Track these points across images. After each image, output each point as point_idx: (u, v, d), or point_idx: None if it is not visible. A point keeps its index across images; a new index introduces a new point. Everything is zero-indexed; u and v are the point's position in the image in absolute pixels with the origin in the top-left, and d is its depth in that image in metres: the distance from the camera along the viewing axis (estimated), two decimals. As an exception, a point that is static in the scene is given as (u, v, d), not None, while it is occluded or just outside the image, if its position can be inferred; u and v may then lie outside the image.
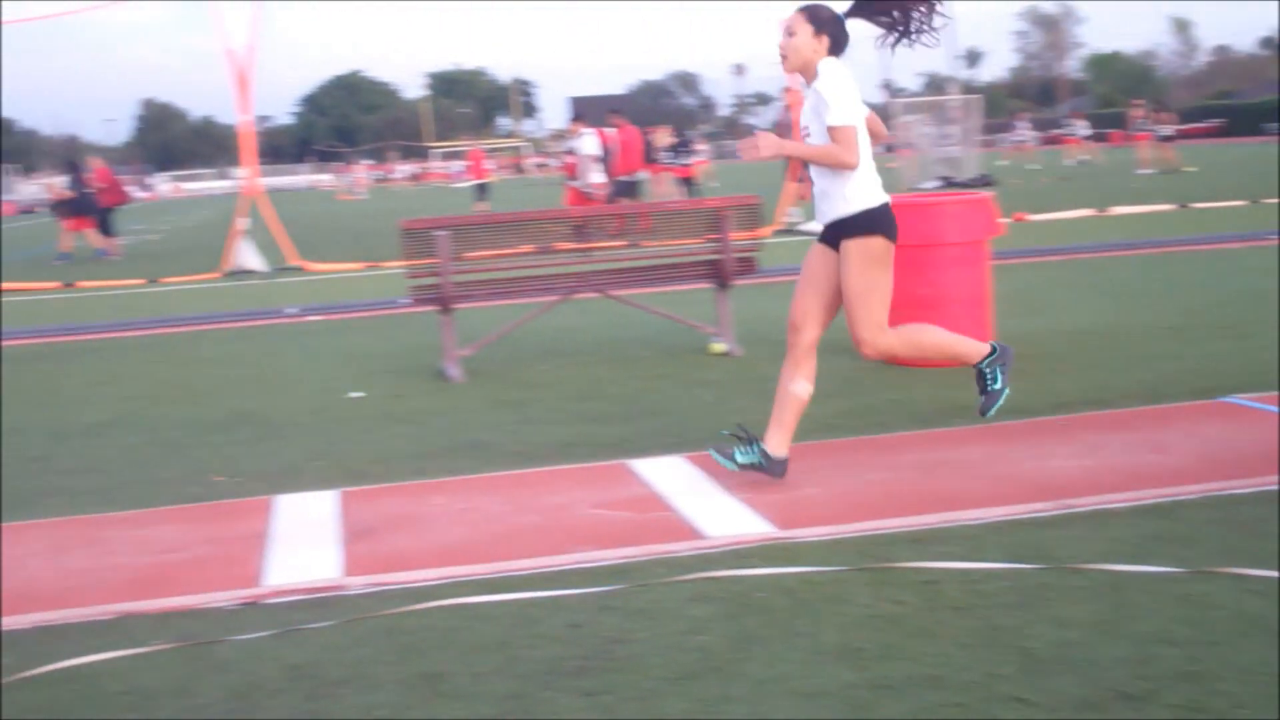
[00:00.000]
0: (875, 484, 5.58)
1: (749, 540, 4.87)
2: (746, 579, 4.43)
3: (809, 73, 5.47)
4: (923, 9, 5.53)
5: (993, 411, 5.64)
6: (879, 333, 5.49)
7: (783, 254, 15.22)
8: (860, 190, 5.41)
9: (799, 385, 5.59)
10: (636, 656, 3.83)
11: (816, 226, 5.61)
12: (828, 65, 5.39)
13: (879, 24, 5.59)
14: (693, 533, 5.02)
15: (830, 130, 5.30)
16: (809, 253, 5.61)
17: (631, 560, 4.72)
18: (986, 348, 5.63)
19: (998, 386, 5.61)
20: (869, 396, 7.41)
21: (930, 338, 5.61)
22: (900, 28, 5.57)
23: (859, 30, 5.57)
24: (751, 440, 5.60)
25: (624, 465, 6.10)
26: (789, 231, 20.04)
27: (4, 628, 4.43)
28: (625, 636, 3.99)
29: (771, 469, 5.56)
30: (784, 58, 5.50)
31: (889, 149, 34.54)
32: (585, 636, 4.00)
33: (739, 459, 5.56)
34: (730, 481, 5.63)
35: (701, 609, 4.18)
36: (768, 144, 5.37)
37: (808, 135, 5.49)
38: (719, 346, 9.23)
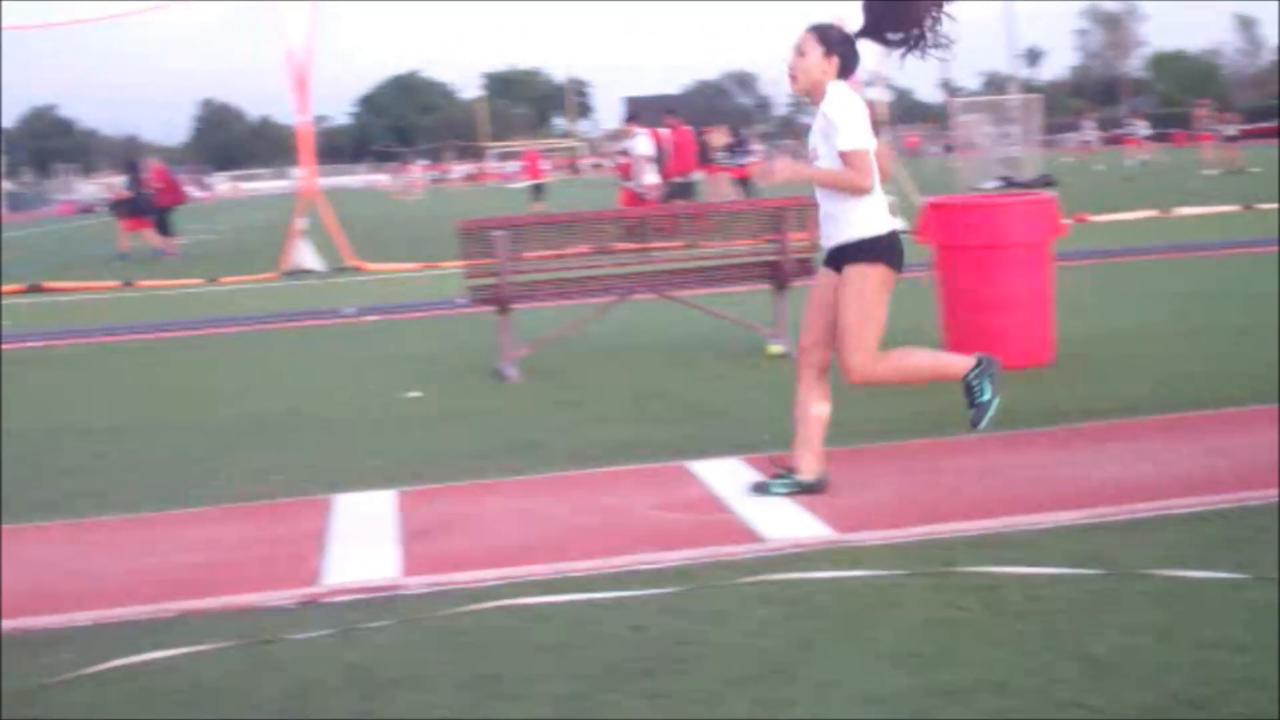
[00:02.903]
0: (934, 488, 5.53)
1: (808, 543, 4.84)
2: (806, 582, 4.41)
3: (817, 94, 5.41)
4: (933, 17, 5.46)
5: (984, 423, 5.55)
6: (869, 361, 5.44)
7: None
8: (866, 216, 5.37)
9: (818, 408, 5.54)
10: (697, 658, 3.81)
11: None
12: (837, 89, 5.34)
13: (890, 44, 5.53)
14: (752, 535, 5.00)
15: (842, 155, 5.25)
16: (817, 276, 5.60)
17: (691, 562, 4.70)
18: (971, 360, 5.56)
19: (985, 398, 5.53)
20: (926, 400, 7.33)
21: (914, 361, 5.56)
22: (911, 43, 5.52)
23: (876, 47, 5.53)
24: (779, 474, 5.54)
25: (682, 467, 6.08)
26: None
27: (64, 624, 4.47)
28: (686, 638, 3.97)
29: (813, 490, 5.51)
30: (793, 78, 5.46)
31: (948, 148, 34.32)
32: (646, 638, 3.99)
33: (777, 490, 5.51)
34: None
35: (762, 611, 4.16)
36: (784, 169, 5.41)
37: (816, 158, 5.44)
38: (777, 348, 9.18)
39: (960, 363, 5.57)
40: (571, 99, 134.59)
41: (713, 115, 67.51)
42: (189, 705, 3.71)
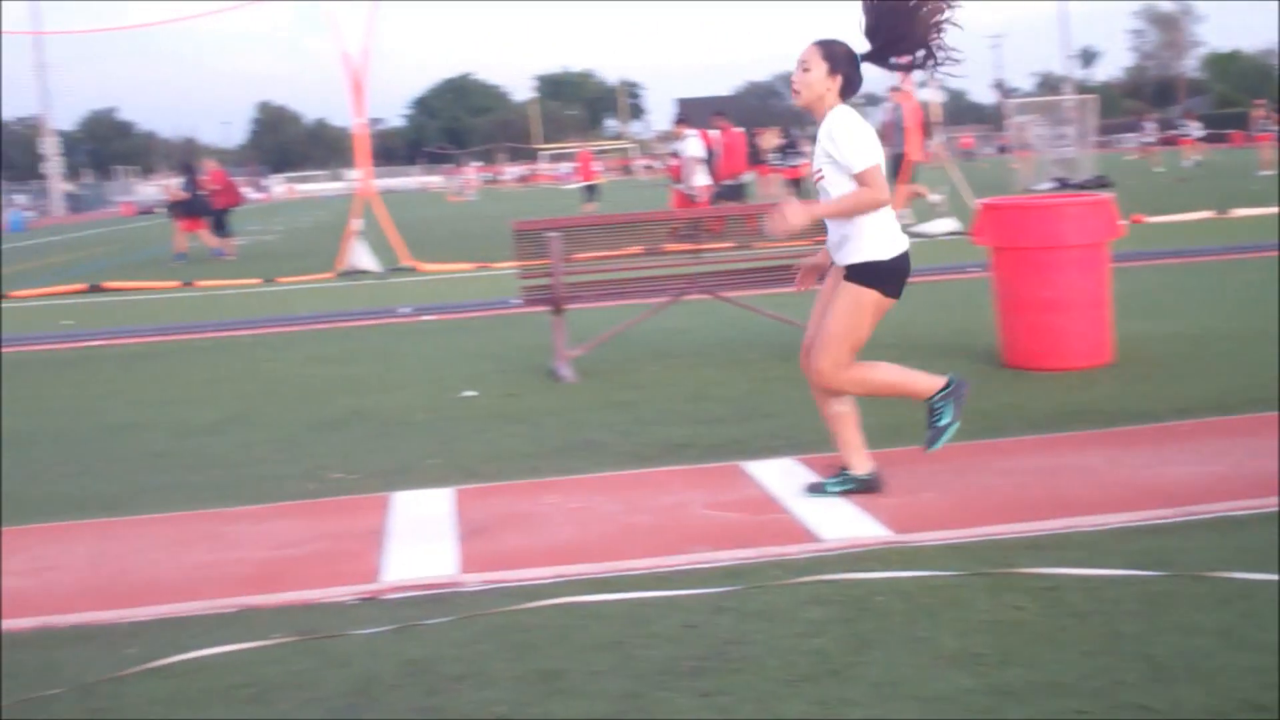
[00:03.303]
0: (993, 489, 5.51)
1: (864, 543, 4.84)
2: (863, 582, 4.40)
3: (819, 110, 5.38)
4: (937, 33, 5.41)
5: (937, 446, 5.50)
6: (837, 370, 5.40)
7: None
8: (876, 239, 5.32)
9: (838, 405, 5.52)
10: (753, 658, 3.82)
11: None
12: (840, 113, 5.29)
13: (896, 67, 5.51)
14: (807, 535, 5.00)
15: (859, 176, 5.20)
16: (826, 282, 5.58)
17: (746, 562, 4.71)
18: (941, 381, 5.49)
19: (943, 422, 5.47)
20: (984, 401, 7.30)
21: (881, 376, 5.48)
22: (918, 63, 5.48)
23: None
24: (840, 471, 5.54)
25: (737, 467, 6.08)
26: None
27: (128, 619, 4.53)
28: (741, 638, 3.98)
29: (868, 487, 5.50)
30: (796, 91, 5.43)
31: (1002, 149, 34.06)
32: (701, 637, 4.00)
33: (832, 489, 5.50)
34: (845, 484, 5.59)
35: (817, 612, 4.16)
36: (796, 214, 5.26)
37: (821, 178, 5.40)
38: (831, 348, 9.15)
39: (928, 383, 5.49)
40: (624, 101, 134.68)
41: (764, 116, 67.35)
42: (253, 700, 3.75)
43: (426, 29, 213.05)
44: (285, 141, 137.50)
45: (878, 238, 5.31)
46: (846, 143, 5.23)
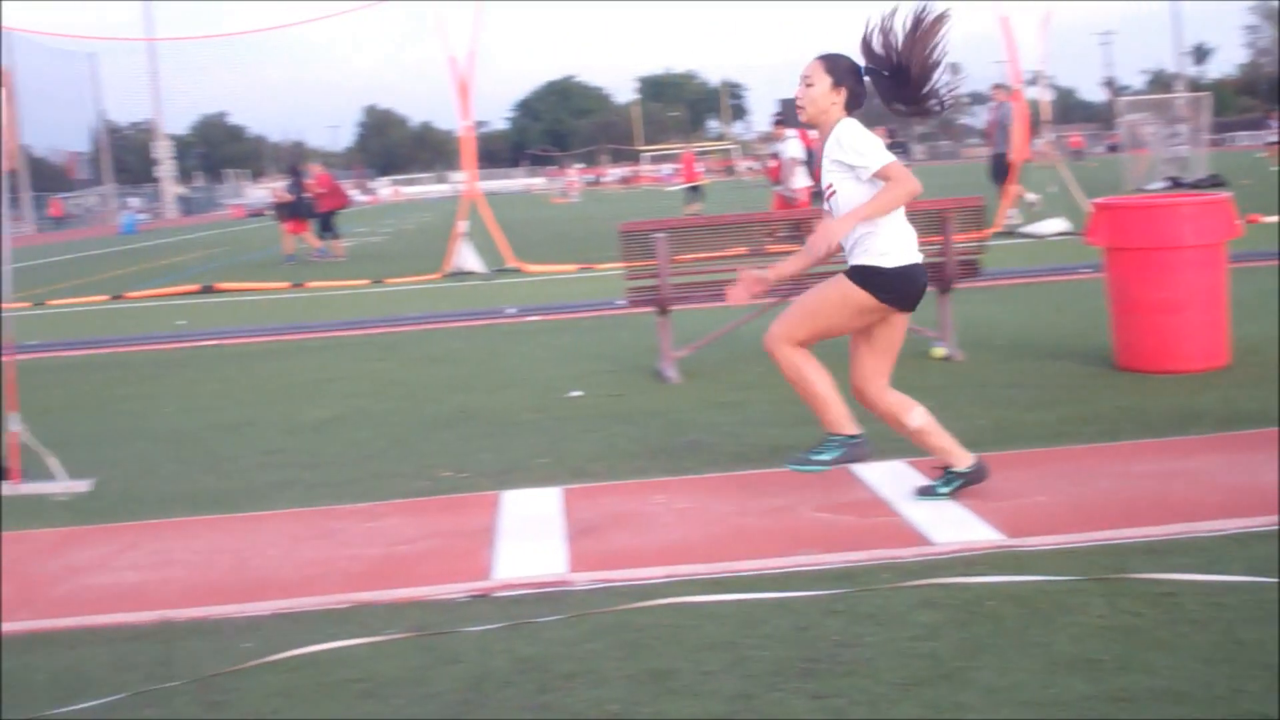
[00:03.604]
0: (1107, 493, 5.42)
1: (977, 547, 4.78)
2: (975, 586, 4.36)
3: (825, 126, 5.31)
4: (934, 86, 5.33)
5: (796, 469, 5.44)
6: (782, 342, 5.37)
7: (1003, 256, 14.93)
8: (884, 247, 5.25)
9: (912, 419, 5.43)
10: (865, 661, 3.79)
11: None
12: (845, 126, 5.23)
13: (902, 114, 5.43)
14: (918, 538, 4.96)
15: (881, 173, 5.12)
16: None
17: (856, 564, 4.68)
18: (852, 430, 5.39)
19: (819, 457, 5.39)
20: (1097, 404, 7.20)
21: (810, 379, 5.38)
22: (923, 112, 5.41)
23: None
24: (945, 472, 5.48)
25: (847, 469, 6.04)
26: (1009, 234, 19.58)
27: (246, 613, 4.62)
28: (853, 640, 3.95)
29: (974, 477, 5.43)
30: (800, 108, 5.37)
31: (1112, 148, 33.52)
32: (813, 639, 3.99)
33: (941, 490, 5.44)
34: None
35: (930, 615, 4.13)
36: (826, 235, 5.15)
37: (833, 192, 5.32)
38: (940, 351, 9.08)
39: (840, 422, 5.39)
40: (726, 101, 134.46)
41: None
42: (368, 695, 3.81)
43: (529, 32, 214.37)
44: (391, 144, 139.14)
45: (885, 245, 5.25)
46: (859, 146, 5.16)
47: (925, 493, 5.47)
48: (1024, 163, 21.31)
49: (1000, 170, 21.47)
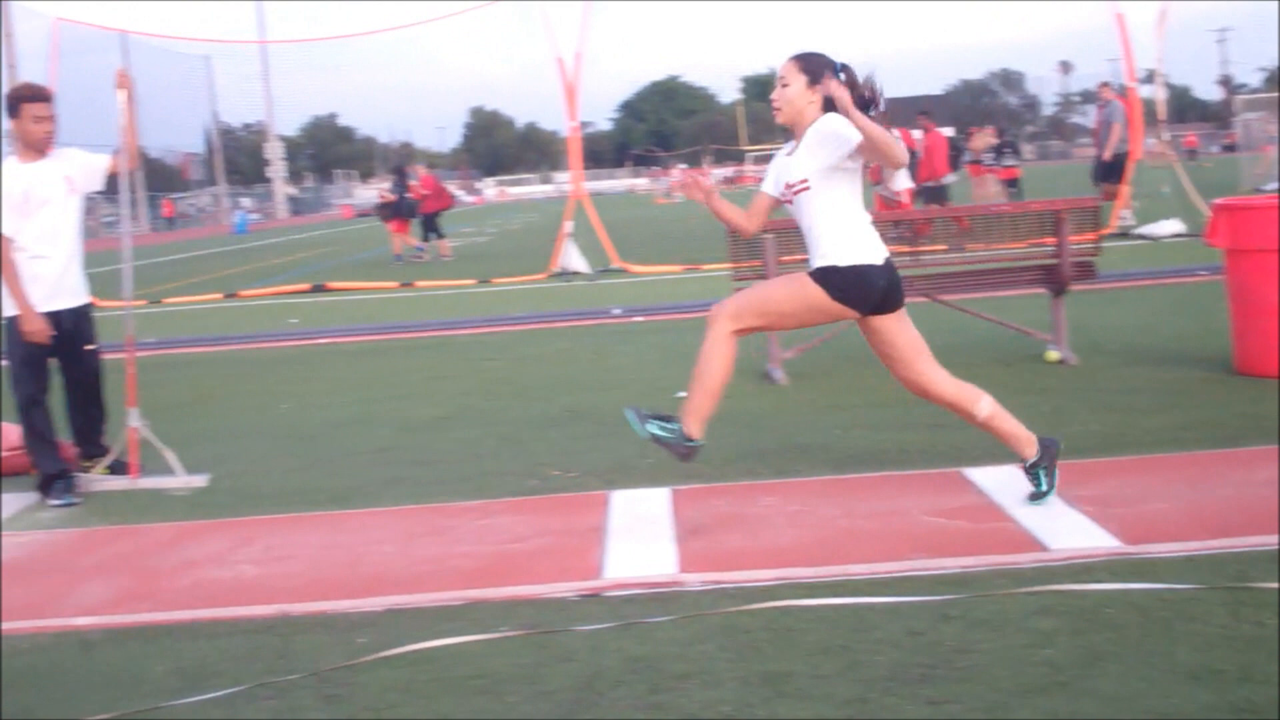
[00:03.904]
0: (1228, 500, 5.30)
1: (1095, 554, 4.70)
2: (1093, 594, 4.29)
3: (800, 128, 5.22)
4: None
5: (630, 415, 5.29)
6: (725, 321, 5.27)
7: (1117, 258, 14.67)
8: (835, 248, 5.19)
9: (980, 409, 5.35)
10: (981, 667, 3.75)
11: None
12: (826, 117, 5.12)
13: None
14: (1034, 544, 4.89)
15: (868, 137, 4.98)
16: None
17: (970, 570, 4.63)
18: (696, 432, 5.26)
19: (652, 428, 5.25)
20: (1214, 410, 7.05)
21: (712, 375, 5.32)
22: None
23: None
24: (1029, 476, 5.39)
25: (959, 473, 5.98)
26: (1123, 235, 19.24)
27: (361, 609, 4.67)
28: (968, 646, 3.91)
29: (1051, 457, 5.34)
30: (777, 109, 5.28)
31: (1228, 147, 32.80)
32: (927, 644, 3.95)
33: (1042, 487, 5.36)
34: (1072, 494, 5.45)
35: (1046, 622, 4.07)
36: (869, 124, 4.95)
37: (806, 188, 5.21)
38: (1054, 354, 8.94)
39: (699, 419, 5.29)
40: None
41: (977, 115, 66.03)
42: (482, 692, 3.83)
43: (633, 32, 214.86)
44: (497, 145, 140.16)
45: (841, 245, 5.18)
46: (836, 125, 5.05)
47: (1035, 499, 5.37)
48: (1135, 162, 20.94)
49: (1101, 170, 21.13)
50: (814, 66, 5.23)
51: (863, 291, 5.20)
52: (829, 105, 5.18)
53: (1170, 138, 26.65)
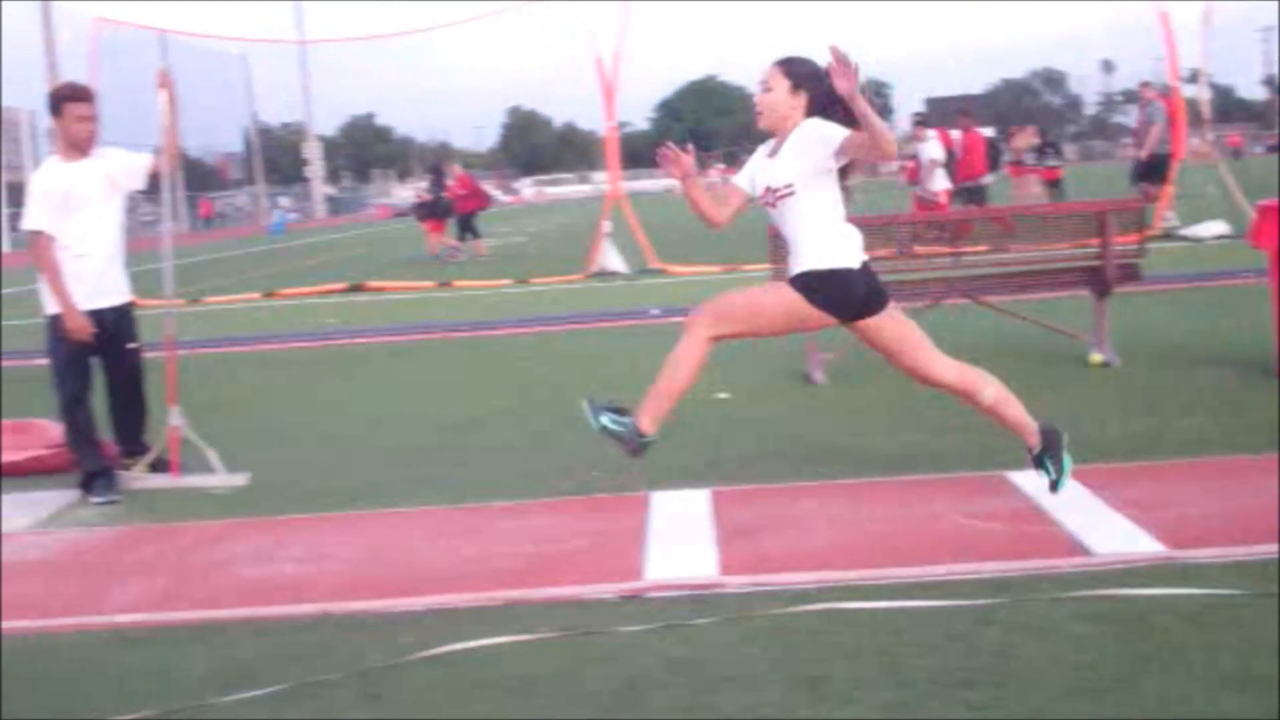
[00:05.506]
0: (1272, 505, 5.23)
1: (1139, 559, 4.66)
2: (1137, 599, 4.25)
3: (783, 134, 5.18)
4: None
5: (588, 406, 5.38)
6: (709, 328, 5.32)
7: (1161, 260, 14.54)
8: (811, 253, 5.16)
9: (986, 395, 5.32)
10: (1023, 671, 3.72)
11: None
12: (810, 121, 5.08)
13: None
14: (1078, 549, 4.85)
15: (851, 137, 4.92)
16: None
17: (1013, 574, 4.59)
18: (650, 430, 5.33)
19: (606, 422, 5.35)
20: (1258, 413, 6.98)
21: (679, 379, 5.41)
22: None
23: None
24: (1033, 457, 5.33)
25: (1001, 476, 5.94)
26: (1167, 236, 19.06)
27: (401, 608, 4.68)
28: (1010, 651, 3.88)
29: (1057, 444, 5.27)
30: (759, 114, 5.23)
31: (1272, 148, 32.50)
32: (968, 649, 3.92)
33: (1061, 476, 5.27)
34: (1116, 498, 5.40)
35: (1090, 627, 4.03)
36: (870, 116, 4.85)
37: (790, 193, 5.18)
38: (1097, 357, 8.87)
39: (654, 418, 5.37)
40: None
41: (1019, 115, 65.65)
42: (521, 693, 3.83)
43: (671, 32, 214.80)
44: (535, 145, 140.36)
45: (824, 249, 5.14)
46: (821, 127, 5.01)
47: (1053, 489, 5.29)
48: (1178, 162, 20.79)
49: (1140, 170, 20.98)
50: (798, 72, 5.20)
51: (844, 297, 5.17)
52: (812, 111, 5.15)
53: (1214, 138, 26.45)
